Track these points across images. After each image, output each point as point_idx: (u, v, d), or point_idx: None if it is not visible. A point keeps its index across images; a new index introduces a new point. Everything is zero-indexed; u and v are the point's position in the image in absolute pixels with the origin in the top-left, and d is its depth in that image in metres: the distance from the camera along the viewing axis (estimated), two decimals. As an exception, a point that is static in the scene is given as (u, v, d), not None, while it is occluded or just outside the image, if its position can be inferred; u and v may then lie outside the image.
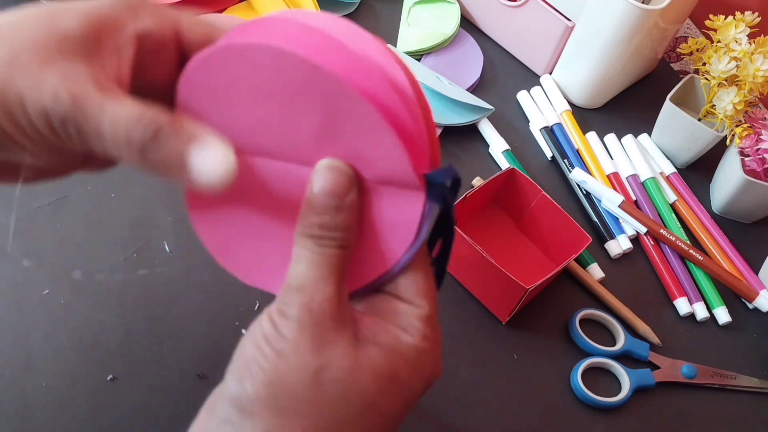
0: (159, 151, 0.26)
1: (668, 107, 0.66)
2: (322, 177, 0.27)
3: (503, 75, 0.72)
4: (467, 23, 0.75)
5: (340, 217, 0.28)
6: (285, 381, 0.26)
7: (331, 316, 0.27)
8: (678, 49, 0.68)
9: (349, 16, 0.73)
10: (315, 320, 0.27)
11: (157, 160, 0.26)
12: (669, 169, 0.68)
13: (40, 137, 0.26)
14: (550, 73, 0.72)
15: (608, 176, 0.65)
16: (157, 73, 0.30)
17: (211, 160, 0.26)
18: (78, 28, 0.26)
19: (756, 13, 0.61)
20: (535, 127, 0.68)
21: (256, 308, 0.51)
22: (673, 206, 0.65)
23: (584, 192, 0.64)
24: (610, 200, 0.62)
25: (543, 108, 0.69)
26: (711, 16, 0.62)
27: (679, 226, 0.64)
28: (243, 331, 0.49)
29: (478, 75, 0.70)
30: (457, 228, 0.52)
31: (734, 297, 0.61)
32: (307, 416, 0.26)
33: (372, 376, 0.27)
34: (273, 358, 0.26)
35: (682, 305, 0.59)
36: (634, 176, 0.66)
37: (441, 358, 0.30)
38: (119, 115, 0.25)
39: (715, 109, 0.63)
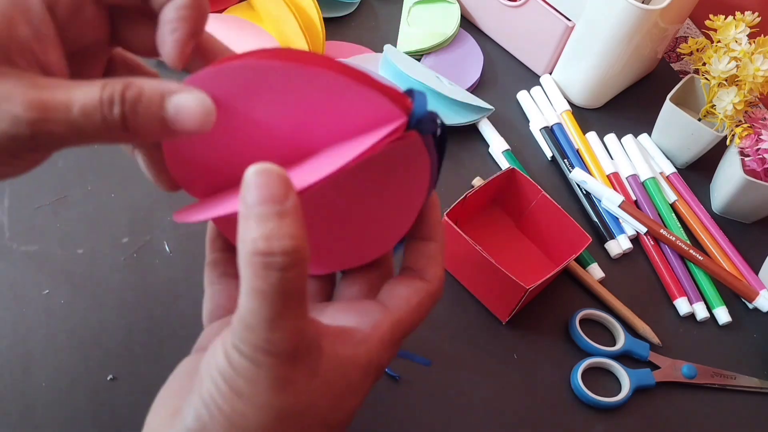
0: (137, 118, 0.25)
1: (668, 107, 0.66)
2: (253, 184, 0.23)
3: (503, 75, 0.72)
4: (467, 23, 0.75)
5: (285, 226, 0.23)
6: (246, 422, 0.25)
7: (288, 353, 0.24)
8: (678, 49, 0.68)
9: (349, 16, 0.73)
10: (272, 361, 0.24)
11: (137, 126, 0.25)
12: (669, 169, 0.68)
13: (14, 158, 0.25)
14: (550, 73, 0.72)
15: (608, 176, 0.65)
16: (85, 36, 0.29)
17: (185, 101, 0.25)
18: None
19: (756, 13, 0.61)
20: (535, 127, 0.68)
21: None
22: (673, 206, 0.65)
23: (584, 192, 0.64)
24: (610, 200, 0.62)
25: (543, 108, 0.69)
26: (711, 16, 0.62)
27: (679, 226, 0.64)
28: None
29: (478, 75, 0.70)
30: (457, 228, 0.52)
31: (734, 297, 0.61)
32: None
33: (328, 399, 0.26)
34: (231, 397, 0.25)
35: (682, 305, 0.59)
36: (634, 176, 0.66)
37: (390, 359, 0.30)
38: (87, 103, 0.24)
39: (715, 109, 0.63)
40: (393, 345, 0.29)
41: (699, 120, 0.65)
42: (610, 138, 0.69)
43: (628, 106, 0.73)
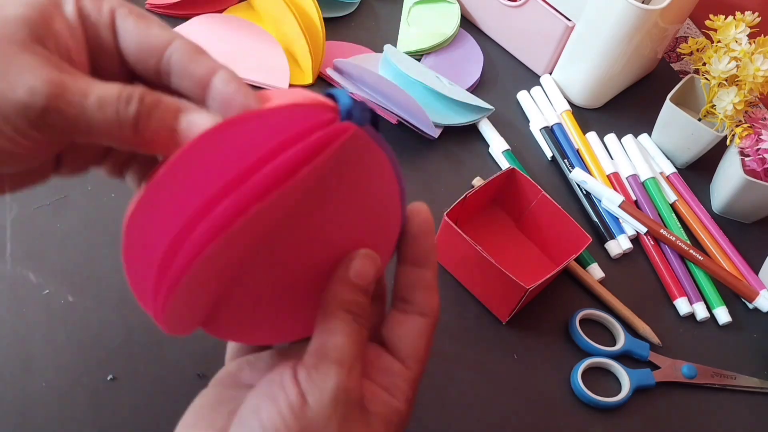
0: (150, 124, 0.25)
1: (668, 107, 0.66)
2: (360, 262, 0.29)
3: (503, 75, 0.72)
4: (467, 23, 0.75)
5: (366, 301, 0.29)
6: None
7: (360, 397, 0.27)
8: (678, 49, 0.68)
9: (349, 16, 0.73)
10: (348, 398, 0.27)
11: (148, 132, 0.25)
12: (669, 169, 0.68)
13: (18, 134, 0.25)
14: (550, 73, 0.72)
15: (608, 176, 0.65)
16: (104, 67, 0.29)
17: (200, 120, 0.26)
18: (28, 13, 0.25)
19: (756, 13, 0.61)
20: (535, 127, 0.68)
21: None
22: (673, 206, 0.65)
23: (584, 192, 0.64)
24: (610, 200, 0.62)
25: (543, 108, 0.69)
26: (711, 16, 0.62)
27: (679, 226, 0.64)
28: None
29: (478, 75, 0.70)
30: (457, 228, 0.52)
31: (734, 297, 0.61)
32: None
33: None
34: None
35: (682, 305, 0.59)
36: (634, 176, 0.66)
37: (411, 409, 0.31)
38: (105, 95, 0.25)
39: (715, 109, 0.63)
40: (415, 394, 0.30)
41: (699, 120, 0.65)
42: (610, 138, 0.69)
43: (628, 106, 0.73)
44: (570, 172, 0.64)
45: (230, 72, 0.27)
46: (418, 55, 0.71)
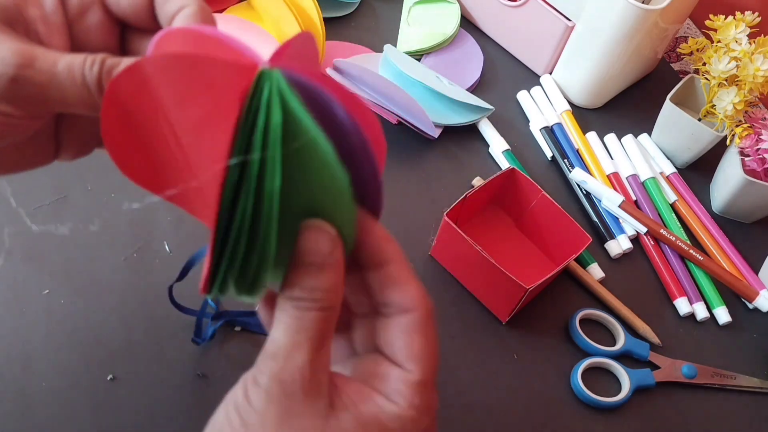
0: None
1: (668, 107, 0.66)
2: (303, 238, 0.26)
3: (503, 75, 0.72)
4: (467, 23, 0.75)
5: (323, 277, 0.26)
6: None
7: (302, 386, 0.26)
8: (678, 49, 0.68)
9: (349, 16, 0.73)
10: (284, 390, 0.25)
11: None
12: (669, 169, 0.68)
13: None
14: (550, 73, 0.72)
15: (608, 176, 0.65)
16: (94, 41, 0.30)
17: None
18: None
19: (756, 13, 0.61)
20: (535, 127, 0.68)
21: (256, 309, 0.51)
22: (673, 206, 0.65)
23: (584, 192, 0.64)
24: (610, 200, 0.62)
25: (543, 108, 0.69)
26: (711, 16, 0.62)
27: (679, 226, 0.64)
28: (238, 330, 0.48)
29: (478, 75, 0.70)
30: (457, 228, 0.52)
31: (734, 297, 0.61)
32: None
33: None
34: (239, 429, 0.25)
35: (682, 305, 0.59)
36: (634, 176, 0.66)
37: (434, 425, 0.29)
38: (72, 61, 0.26)
39: (715, 109, 0.63)
40: (428, 399, 0.28)
41: (699, 120, 0.65)
42: (610, 138, 0.69)
43: (628, 106, 0.73)
44: (570, 172, 0.64)
45: (196, 9, 0.28)
46: (418, 55, 0.71)
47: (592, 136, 0.68)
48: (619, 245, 0.61)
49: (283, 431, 0.25)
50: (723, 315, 0.59)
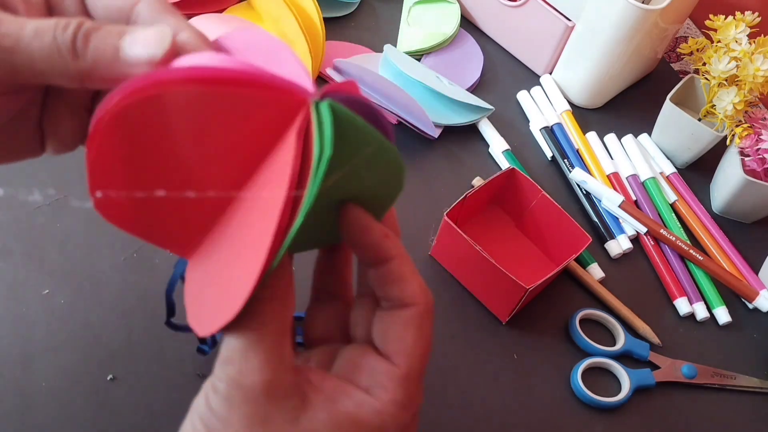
0: (90, 49, 0.24)
1: (668, 107, 0.66)
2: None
3: (503, 75, 0.72)
4: (467, 23, 0.75)
5: (274, 284, 0.25)
6: None
7: (264, 389, 0.24)
8: (678, 49, 0.68)
9: (349, 16, 0.73)
10: (245, 396, 0.24)
11: (91, 58, 0.25)
12: (669, 169, 0.68)
13: None
14: (550, 73, 0.72)
15: (608, 176, 0.65)
16: (66, 8, 0.28)
17: (144, 35, 0.25)
18: None
19: (756, 13, 0.61)
20: (535, 127, 0.68)
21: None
22: (673, 206, 0.65)
23: (584, 192, 0.64)
24: (610, 200, 0.62)
25: (543, 108, 0.69)
26: (711, 16, 0.62)
27: (679, 226, 0.64)
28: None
29: (478, 75, 0.70)
30: (457, 228, 0.52)
31: (734, 297, 0.61)
32: None
33: None
34: None
35: (682, 305, 0.59)
36: (634, 176, 0.66)
37: (416, 423, 0.28)
38: (41, 25, 0.24)
39: (715, 109, 0.63)
40: (411, 395, 0.27)
41: (699, 120, 0.65)
42: (610, 138, 0.69)
43: (628, 106, 0.73)
44: (570, 172, 0.64)
45: (193, 32, 0.26)
46: (418, 55, 0.71)
47: (592, 136, 0.68)
48: (619, 245, 0.61)
49: None
50: (723, 315, 0.59)
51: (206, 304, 0.27)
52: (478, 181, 0.63)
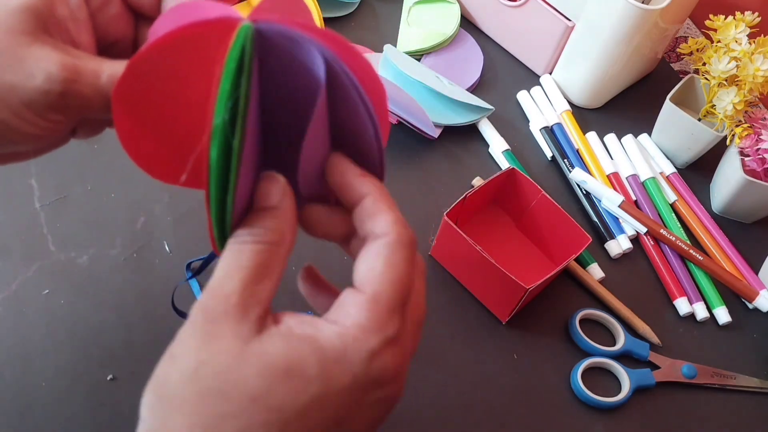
0: None
1: (668, 107, 0.66)
2: (257, 186, 0.27)
3: (503, 75, 0.72)
4: (467, 23, 0.75)
5: (267, 221, 0.27)
6: (167, 381, 0.25)
7: (224, 311, 0.25)
8: (678, 49, 0.68)
9: (349, 16, 0.73)
10: (206, 317, 0.25)
11: None
12: (669, 169, 0.68)
13: (41, 119, 0.28)
14: (550, 73, 0.72)
15: (608, 176, 0.65)
16: (113, 30, 0.32)
17: None
18: (31, 2, 0.28)
19: (756, 13, 0.61)
20: (535, 127, 0.68)
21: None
22: (673, 206, 0.65)
23: (584, 192, 0.64)
24: (610, 200, 0.62)
25: (543, 108, 0.69)
26: (711, 16, 0.62)
27: (679, 226, 0.64)
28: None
29: (478, 75, 0.70)
30: (457, 228, 0.52)
31: (734, 297, 0.61)
32: (186, 413, 0.24)
33: (258, 368, 0.24)
34: (164, 361, 0.26)
35: (682, 305, 0.59)
36: (634, 176, 0.66)
37: (400, 354, 0.26)
38: (114, 73, 0.28)
39: (715, 109, 0.63)
40: (381, 320, 0.26)
41: (699, 120, 0.65)
42: (610, 138, 0.69)
43: (628, 106, 0.73)
44: (570, 172, 0.64)
45: None
46: (418, 55, 0.71)
47: (592, 136, 0.68)
48: (619, 245, 0.61)
49: (199, 354, 0.25)
50: (723, 315, 0.59)
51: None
52: (478, 181, 0.63)
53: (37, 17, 0.28)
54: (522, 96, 0.70)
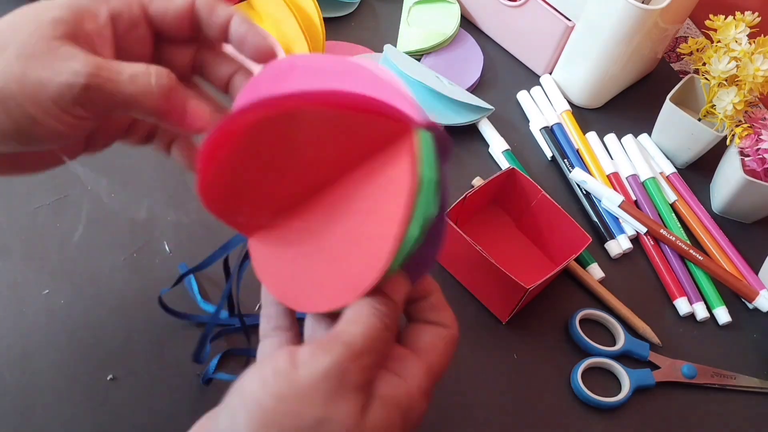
0: (176, 93, 0.31)
1: (668, 107, 0.66)
2: (394, 280, 0.30)
3: (503, 75, 0.72)
4: (467, 23, 0.75)
5: (394, 309, 0.30)
6: (282, 424, 0.26)
7: (357, 383, 0.27)
8: (678, 49, 0.68)
9: (349, 16, 0.73)
10: (342, 377, 0.27)
11: (172, 98, 0.31)
12: (669, 169, 0.68)
13: (66, 115, 0.30)
14: (550, 73, 0.72)
15: (608, 176, 0.65)
16: (134, 51, 0.34)
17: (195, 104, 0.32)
18: (63, 15, 0.31)
19: (756, 13, 0.61)
20: (535, 127, 0.68)
21: (256, 309, 0.51)
22: (673, 206, 0.65)
23: (584, 192, 0.64)
24: (610, 200, 0.62)
25: (543, 108, 0.69)
26: (711, 16, 0.62)
27: (679, 226, 0.64)
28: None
29: (478, 75, 0.70)
30: (457, 228, 0.52)
31: (734, 297, 0.61)
32: None
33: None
34: (277, 397, 0.26)
35: (682, 305, 0.59)
36: (634, 176, 0.66)
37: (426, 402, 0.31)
38: (135, 71, 0.30)
39: (715, 109, 0.63)
40: (429, 392, 0.31)
41: (699, 120, 0.65)
42: (610, 138, 0.69)
43: (628, 106, 0.73)
44: (570, 172, 0.64)
45: (243, 17, 0.33)
46: (418, 55, 0.71)
47: (592, 136, 0.68)
48: (619, 245, 0.61)
49: (325, 410, 0.26)
50: (723, 315, 0.59)
51: (308, 285, 0.32)
52: (478, 181, 0.63)
53: (67, 27, 0.30)
54: (522, 96, 0.70)
